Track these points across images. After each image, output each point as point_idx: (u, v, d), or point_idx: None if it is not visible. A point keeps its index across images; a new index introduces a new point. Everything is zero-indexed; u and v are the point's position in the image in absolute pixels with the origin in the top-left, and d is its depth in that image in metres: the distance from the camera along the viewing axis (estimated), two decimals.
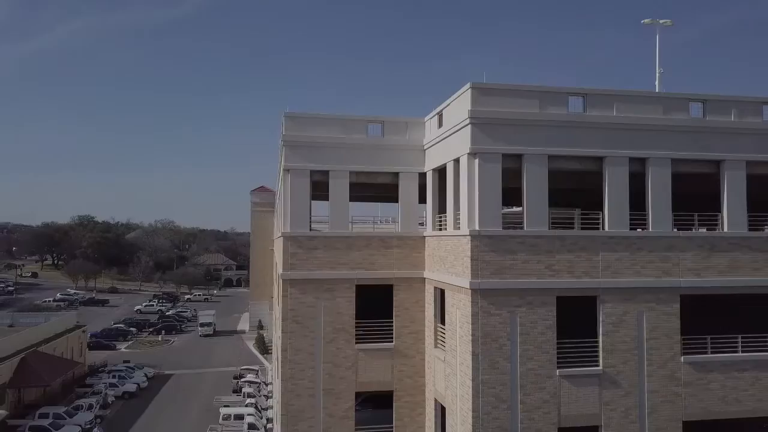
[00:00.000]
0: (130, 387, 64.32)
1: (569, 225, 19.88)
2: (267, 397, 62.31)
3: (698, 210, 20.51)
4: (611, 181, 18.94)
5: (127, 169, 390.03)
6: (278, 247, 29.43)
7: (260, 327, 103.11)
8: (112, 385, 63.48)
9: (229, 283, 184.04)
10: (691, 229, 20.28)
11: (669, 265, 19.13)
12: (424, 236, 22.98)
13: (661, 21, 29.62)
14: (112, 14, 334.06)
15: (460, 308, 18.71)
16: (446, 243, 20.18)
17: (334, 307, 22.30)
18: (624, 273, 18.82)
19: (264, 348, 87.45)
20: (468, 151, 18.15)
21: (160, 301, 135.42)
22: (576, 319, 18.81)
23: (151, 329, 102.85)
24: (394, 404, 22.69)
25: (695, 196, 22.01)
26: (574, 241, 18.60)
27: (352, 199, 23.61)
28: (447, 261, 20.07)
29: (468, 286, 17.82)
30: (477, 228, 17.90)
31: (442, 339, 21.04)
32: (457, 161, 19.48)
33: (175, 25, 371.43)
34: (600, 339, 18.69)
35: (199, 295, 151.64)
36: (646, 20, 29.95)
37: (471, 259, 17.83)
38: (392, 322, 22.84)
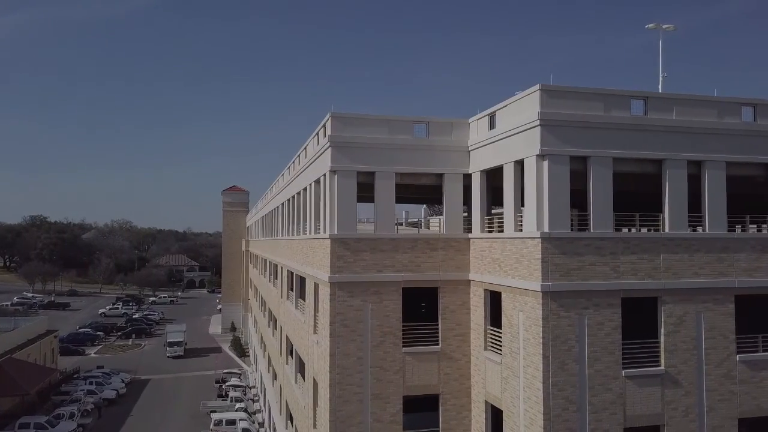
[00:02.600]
0: (109, 393, 62.29)
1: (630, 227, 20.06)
2: (253, 401, 61.24)
3: (747, 211, 20.98)
4: (671, 183, 19.18)
5: (76, 167, 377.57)
6: (306, 248, 28.80)
7: (233, 329, 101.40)
8: (90, 392, 61.30)
9: (192, 285, 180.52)
10: (742, 230, 20.72)
11: (724, 266, 19.51)
12: (470, 238, 22.83)
13: (664, 26, 30.25)
14: (73, 7, 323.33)
15: (524, 311, 18.62)
16: (504, 245, 20.06)
17: (381, 310, 21.94)
18: (683, 274, 19.10)
19: (241, 351, 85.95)
20: (537, 153, 18.09)
21: (125, 303, 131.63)
22: (633, 320, 19.01)
23: (119, 333, 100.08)
24: (440, 407, 22.48)
25: (743, 197, 22.53)
26: (637, 243, 18.77)
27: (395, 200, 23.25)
28: (505, 264, 19.96)
29: (538, 289, 17.75)
30: (547, 230, 17.86)
31: (495, 342, 20.92)
32: (519, 163, 19.40)
33: (134, 17, 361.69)
34: (662, 339, 18.91)
35: (164, 297, 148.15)
36: (650, 25, 30.44)
37: (541, 262, 17.78)
38: (438, 324, 22.63)
